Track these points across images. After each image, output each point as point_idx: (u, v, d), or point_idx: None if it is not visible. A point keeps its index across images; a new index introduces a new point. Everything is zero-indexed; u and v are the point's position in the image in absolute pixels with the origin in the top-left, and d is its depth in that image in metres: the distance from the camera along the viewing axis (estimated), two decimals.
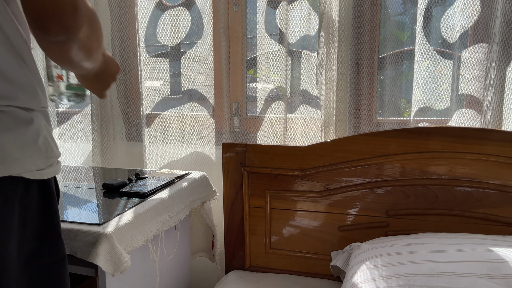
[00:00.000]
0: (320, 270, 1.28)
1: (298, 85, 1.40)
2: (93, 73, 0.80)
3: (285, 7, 1.32)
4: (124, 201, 1.06)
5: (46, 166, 0.68)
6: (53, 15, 0.59)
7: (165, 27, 1.49)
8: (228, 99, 1.46)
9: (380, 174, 1.19)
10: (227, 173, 1.32)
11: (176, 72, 1.54)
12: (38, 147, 0.66)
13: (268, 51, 1.39)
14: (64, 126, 1.67)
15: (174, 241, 1.24)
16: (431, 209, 1.17)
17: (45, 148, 0.68)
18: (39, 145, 0.67)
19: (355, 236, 1.23)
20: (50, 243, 0.70)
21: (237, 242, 1.35)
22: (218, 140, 1.52)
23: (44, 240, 0.69)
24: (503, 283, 0.81)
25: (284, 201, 1.28)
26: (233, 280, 1.27)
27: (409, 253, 0.96)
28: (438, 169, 1.15)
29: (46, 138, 0.68)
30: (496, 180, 1.11)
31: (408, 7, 1.30)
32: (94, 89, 0.86)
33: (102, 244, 0.85)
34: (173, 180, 1.24)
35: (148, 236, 1.01)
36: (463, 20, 1.20)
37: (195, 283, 1.59)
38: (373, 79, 1.33)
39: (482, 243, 0.96)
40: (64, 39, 0.62)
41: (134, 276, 1.03)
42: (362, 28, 1.30)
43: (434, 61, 1.25)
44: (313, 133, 1.40)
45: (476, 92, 1.23)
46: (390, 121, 1.34)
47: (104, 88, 0.86)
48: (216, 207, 1.46)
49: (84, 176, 1.35)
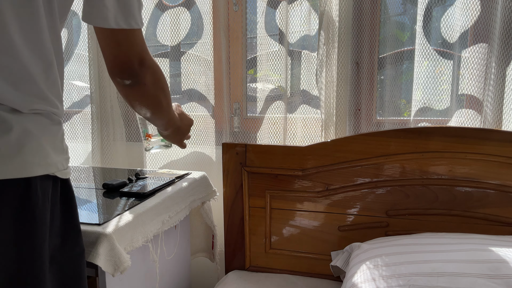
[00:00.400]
0: (320, 270, 1.28)
1: (298, 85, 1.40)
2: (172, 130, 1.09)
3: (285, 7, 1.32)
4: (124, 201, 1.06)
5: (67, 166, 0.75)
6: (124, 64, 0.81)
7: (165, 27, 1.49)
8: (228, 99, 1.46)
9: (380, 174, 1.19)
10: (227, 173, 1.32)
11: (176, 72, 1.54)
12: (63, 148, 0.75)
13: (268, 51, 1.39)
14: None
15: (174, 241, 1.24)
16: (431, 209, 1.17)
17: (66, 150, 0.76)
18: (63, 147, 0.75)
19: (355, 236, 1.23)
20: (72, 237, 0.76)
21: (237, 242, 1.35)
22: (218, 140, 1.52)
23: (66, 235, 0.75)
24: (503, 283, 0.81)
25: (284, 201, 1.28)
26: (233, 280, 1.27)
27: (409, 253, 0.96)
28: (438, 169, 1.15)
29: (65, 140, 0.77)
30: (496, 180, 1.11)
31: (408, 7, 1.30)
32: (174, 141, 1.19)
33: (102, 244, 0.85)
34: (173, 180, 1.24)
35: (148, 236, 1.01)
36: (463, 20, 1.20)
37: (195, 283, 1.59)
38: (373, 79, 1.33)
39: (482, 243, 0.96)
40: (132, 83, 0.84)
41: (134, 276, 1.03)
42: (362, 28, 1.30)
43: (434, 61, 1.25)
44: (313, 133, 1.40)
45: (476, 92, 1.23)
46: (390, 121, 1.34)
47: (182, 139, 1.18)
48: (216, 207, 1.46)
49: (84, 176, 1.35)
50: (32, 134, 0.67)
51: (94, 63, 1.50)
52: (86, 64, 1.55)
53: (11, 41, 0.64)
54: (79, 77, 1.62)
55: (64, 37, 1.60)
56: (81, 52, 1.58)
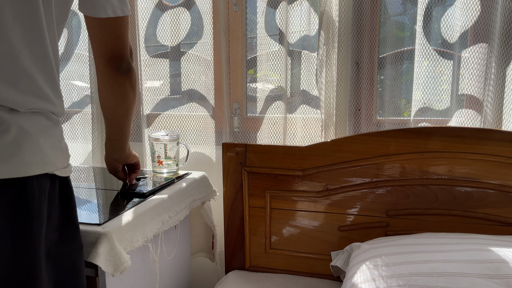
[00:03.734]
0: (320, 270, 1.28)
1: (298, 85, 1.40)
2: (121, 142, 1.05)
3: (285, 7, 1.32)
4: (124, 201, 1.06)
5: (67, 165, 0.76)
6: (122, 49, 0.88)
7: (165, 27, 1.49)
8: (228, 99, 1.46)
9: (380, 174, 1.19)
10: (227, 173, 1.32)
11: (176, 72, 1.54)
12: (62, 147, 0.75)
13: (268, 51, 1.39)
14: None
15: (174, 241, 1.24)
16: (431, 209, 1.17)
17: (65, 148, 0.77)
18: (62, 146, 0.76)
19: (355, 236, 1.23)
20: (70, 233, 0.77)
21: (237, 242, 1.35)
22: (218, 140, 1.52)
23: (64, 231, 0.76)
24: (503, 283, 0.81)
25: (284, 201, 1.28)
26: (233, 280, 1.27)
27: (409, 253, 0.96)
28: (438, 169, 1.15)
29: (64, 139, 0.78)
30: (496, 180, 1.11)
31: (408, 7, 1.30)
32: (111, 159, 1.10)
33: (102, 244, 0.85)
34: (173, 180, 1.24)
35: (148, 236, 1.01)
36: (463, 20, 1.20)
37: (195, 283, 1.59)
38: (373, 79, 1.33)
39: (482, 243, 0.96)
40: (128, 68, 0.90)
41: (134, 276, 1.03)
42: (362, 28, 1.30)
43: (434, 61, 1.25)
44: (313, 133, 1.40)
45: (476, 92, 1.23)
46: (390, 121, 1.34)
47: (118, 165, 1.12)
48: (216, 207, 1.46)
49: (84, 176, 1.35)
50: (29, 134, 0.67)
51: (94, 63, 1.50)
52: (86, 64, 1.55)
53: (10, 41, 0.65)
54: (79, 77, 1.62)
55: (64, 37, 1.60)
56: (81, 52, 1.58)
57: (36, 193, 0.68)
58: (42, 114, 0.70)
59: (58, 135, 0.75)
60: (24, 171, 0.66)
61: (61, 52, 1.61)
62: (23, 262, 0.67)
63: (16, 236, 0.66)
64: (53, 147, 0.72)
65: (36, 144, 0.68)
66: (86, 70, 1.55)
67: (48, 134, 0.71)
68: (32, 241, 0.68)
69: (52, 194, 0.72)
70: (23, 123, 0.67)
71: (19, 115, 0.67)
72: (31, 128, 0.68)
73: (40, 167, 0.68)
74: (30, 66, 0.67)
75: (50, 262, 0.73)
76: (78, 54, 1.60)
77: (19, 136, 0.66)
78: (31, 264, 0.68)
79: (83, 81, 1.63)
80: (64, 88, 1.64)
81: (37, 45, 0.68)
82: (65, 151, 0.76)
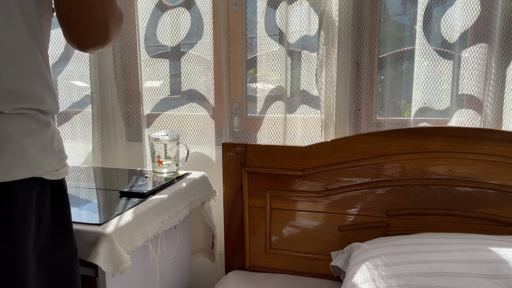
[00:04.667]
0: (320, 270, 1.28)
1: (298, 85, 1.40)
2: None
3: (285, 7, 1.32)
4: (124, 201, 1.06)
5: (60, 167, 0.73)
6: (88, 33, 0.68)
7: (165, 27, 1.49)
8: (228, 99, 1.46)
9: (380, 174, 1.19)
10: (227, 173, 1.32)
11: (176, 72, 1.54)
12: (53, 149, 0.72)
13: (268, 51, 1.39)
14: (64, 126, 1.67)
15: (174, 241, 1.24)
16: (431, 209, 1.17)
17: (59, 150, 0.73)
18: (54, 148, 0.72)
19: (355, 236, 1.23)
20: (63, 238, 0.75)
21: (237, 242, 1.35)
22: (218, 140, 1.52)
23: (57, 235, 0.74)
24: (503, 283, 0.81)
25: (284, 201, 1.28)
26: (233, 280, 1.27)
27: (409, 253, 0.96)
28: (438, 169, 1.15)
29: (58, 140, 0.74)
30: (496, 180, 1.11)
31: (408, 7, 1.30)
32: None
33: (102, 244, 0.85)
34: (173, 180, 1.24)
35: (148, 236, 1.01)
36: (463, 20, 1.20)
37: (195, 283, 1.59)
38: (373, 79, 1.33)
39: (482, 243, 0.96)
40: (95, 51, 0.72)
41: (134, 276, 1.03)
42: (362, 28, 1.30)
43: (434, 61, 1.25)
44: (313, 133, 1.40)
45: (476, 92, 1.23)
46: (390, 121, 1.34)
47: None
48: (216, 207, 1.46)
49: (84, 176, 1.35)
50: (12, 137, 0.65)
51: (94, 63, 1.51)
52: (86, 64, 1.55)
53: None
54: (79, 77, 1.62)
55: None
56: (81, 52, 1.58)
57: (21, 198, 0.66)
58: (29, 115, 0.67)
59: (49, 137, 0.71)
60: (5, 176, 0.64)
61: (61, 52, 1.61)
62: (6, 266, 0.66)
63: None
64: (42, 150, 0.69)
65: (20, 148, 0.66)
66: (86, 70, 1.55)
67: (36, 137, 0.68)
68: (16, 245, 0.66)
69: (41, 199, 0.70)
70: (6, 127, 0.65)
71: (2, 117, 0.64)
72: (15, 131, 0.65)
73: (24, 172, 0.66)
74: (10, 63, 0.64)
75: (42, 267, 0.71)
76: (78, 54, 1.60)
77: (1, 141, 0.64)
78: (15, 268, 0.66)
79: (83, 81, 1.63)
80: (64, 88, 1.64)
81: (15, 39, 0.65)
82: (58, 153, 0.73)
